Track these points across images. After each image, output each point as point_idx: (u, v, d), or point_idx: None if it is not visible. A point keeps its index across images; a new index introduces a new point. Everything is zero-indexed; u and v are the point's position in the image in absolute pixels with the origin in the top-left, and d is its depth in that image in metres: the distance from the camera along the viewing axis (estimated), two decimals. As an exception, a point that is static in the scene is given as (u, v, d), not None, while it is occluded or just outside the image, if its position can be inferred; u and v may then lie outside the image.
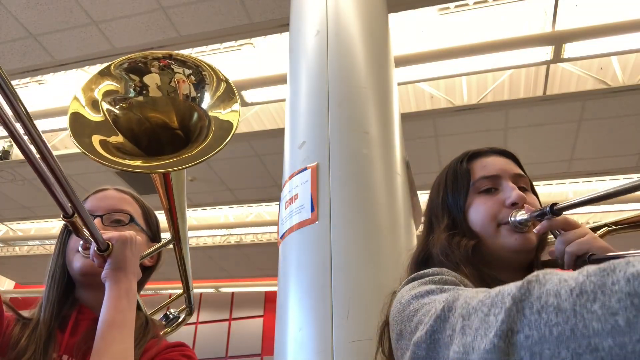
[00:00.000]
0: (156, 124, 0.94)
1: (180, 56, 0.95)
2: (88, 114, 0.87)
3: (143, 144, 0.91)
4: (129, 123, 0.91)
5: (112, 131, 0.88)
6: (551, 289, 0.49)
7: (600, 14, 3.54)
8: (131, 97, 0.93)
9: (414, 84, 4.15)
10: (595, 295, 0.45)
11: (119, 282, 0.83)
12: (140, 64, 0.93)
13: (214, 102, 0.93)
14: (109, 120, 0.89)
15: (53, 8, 3.45)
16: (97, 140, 0.85)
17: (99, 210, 0.97)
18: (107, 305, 0.81)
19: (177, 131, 0.94)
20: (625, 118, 4.20)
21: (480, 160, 0.94)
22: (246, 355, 8.66)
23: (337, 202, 1.67)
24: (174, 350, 0.91)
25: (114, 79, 0.92)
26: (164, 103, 0.94)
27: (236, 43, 4.03)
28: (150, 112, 0.94)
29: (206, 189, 5.70)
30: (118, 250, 0.85)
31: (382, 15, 2.40)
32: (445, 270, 0.78)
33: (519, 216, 0.85)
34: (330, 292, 1.52)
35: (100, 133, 0.86)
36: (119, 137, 0.88)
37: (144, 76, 0.93)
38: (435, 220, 0.94)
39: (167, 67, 0.94)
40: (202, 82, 0.95)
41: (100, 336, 0.78)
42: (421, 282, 0.75)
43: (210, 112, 0.93)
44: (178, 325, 1.57)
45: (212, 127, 0.90)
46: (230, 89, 0.94)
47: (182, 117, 0.94)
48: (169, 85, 0.94)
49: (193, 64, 0.95)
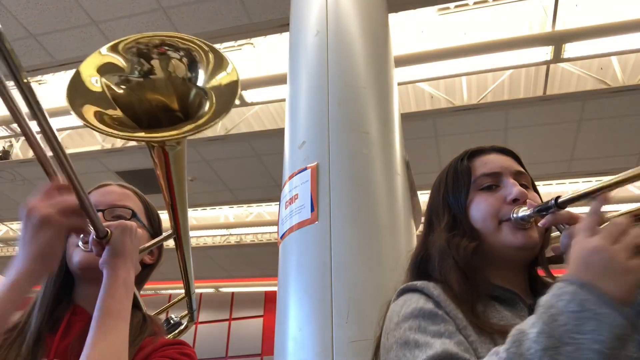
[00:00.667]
0: (157, 106, 0.94)
1: (170, 39, 0.95)
2: (91, 83, 0.88)
3: (143, 124, 0.91)
4: (130, 102, 0.91)
5: (111, 105, 0.88)
6: None
7: (600, 14, 3.54)
8: (134, 78, 0.93)
9: (414, 84, 4.15)
10: None
11: (117, 269, 0.81)
12: (143, 48, 0.94)
13: (209, 76, 0.94)
14: (108, 95, 0.89)
15: (53, 8, 3.45)
16: (93, 110, 0.84)
17: (101, 205, 0.96)
18: (104, 294, 0.79)
19: (177, 113, 0.94)
20: (625, 118, 4.20)
21: (481, 158, 0.94)
22: (246, 355, 8.65)
23: (337, 202, 1.67)
24: (172, 348, 0.89)
25: (121, 57, 0.93)
26: (164, 86, 0.94)
27: (236, 43, 4.03)
28: (151, 94, 0.94)
29: (206, 189, 5.70)
30: (117, 237, 0.83)
31: (382, 15, 2.40)
32: (432, 285, 0.80)
33: (521, 212, 0.84)
34: (330, 292, 1.52)
35: (98, 105, 0.86)
36: (118, 112, 0.88)
37: (148, 60, 0.94)
38: (435, 219, 0.94)
39: (164, 53, 0.94)
40: (194, 61, 0.95)
41: (96, 324, 0.76)
42: (405, 316, 0.78)
43: (208, 86, 0.93)
44: (180, 333, 1.56)
45: (212, 100, 0.90)
46: (219, 56, 0.95)
47: (182, 99, 0.95)
48: (167, 70, 0.94)
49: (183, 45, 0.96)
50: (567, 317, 0.57)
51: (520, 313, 0.80)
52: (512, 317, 0.79)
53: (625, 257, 0.60)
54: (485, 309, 0.79)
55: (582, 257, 0.63)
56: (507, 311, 0.80)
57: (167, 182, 0.96)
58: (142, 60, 0.93)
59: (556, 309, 0.59)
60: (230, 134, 4.67)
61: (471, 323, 0.74)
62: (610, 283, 0.59)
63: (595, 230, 0.65)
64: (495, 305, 0.81)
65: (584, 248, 0.63)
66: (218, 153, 4.99)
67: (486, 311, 0.79)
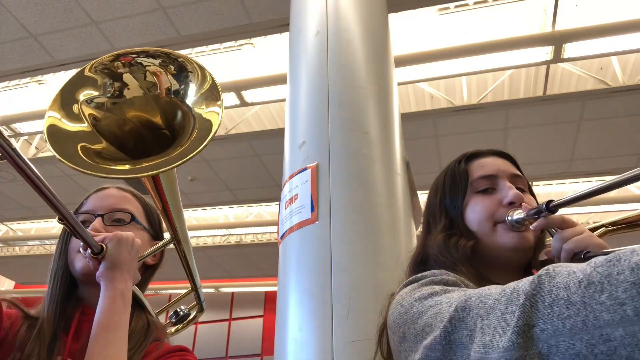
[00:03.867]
0: (139, 124, 0.92)
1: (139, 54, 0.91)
2: (65, 124, 0.84)
3: (129, 146, 0.89)
4: (110, 126, 0.88)
5: (93, 137, 0.85)
6: (561, 282, 0.50)
7: (600, 14, 3.54)
8: (110, 99, 0.90)
9: (414, 84, 4.15)
10: (603, 286, 0.46)
11: (114, 281, 0.82)
12: (111, 67, 0.90)
13: (197, 97, 0.90)
14: (90, 127, 0.86)
15: (53, 8, 3.45)
16: (79, 147, 0.82)
17: (99, 210, 0.96)
18: (102, 307, 0.80)
19: (162, 130, 0.92)
20: (625, 118, 4.20)
21: (478, 161, 0.95)
22: (246, 355, 8.65)
23: (337, 202, 1.67)
24: (175, 355, 0.89)
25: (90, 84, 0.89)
26: (144, 101, 0.92)
27: (236, 43, 4.03)
28: (131, 112, 0.91)
29: (206, 189, 5.70)
30: (113, 250, 0.84)
31: (382, 15, 2.40)
32: (444, 272, 0.78)
33: (515, 215, 0.85)
34: (330, 292, 1.52)
35: (81, 141, 0.83)
36: (102, 144, 0.86)
37: (119, 77, 0.90)
38: (432, 221, 0.94)
39: (135, 64, 0.90)
40: (181, 74, 0.92)
41: (95, 339, 0.76)
42: (421, 283, 0.75)
43: (194, 108, 0.89)
44: (189, 323, 1.56)
45: (196, 124, 0.87)
46: (214, 86, 0.91)
47: (164, 113, 0.92)
48: (146, 81, 0.91)
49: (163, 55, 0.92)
50: None
51: None
52: None
53: None
54: None
55: None
56: None
57: (160, 198, 0.95)
58: (112, 79, 0.90)
59: None
60: (230, 134, 4.67)
61: None
62: None
63: None
64: None
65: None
66: (218, 153, 4.99)
67: None
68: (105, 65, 0.90)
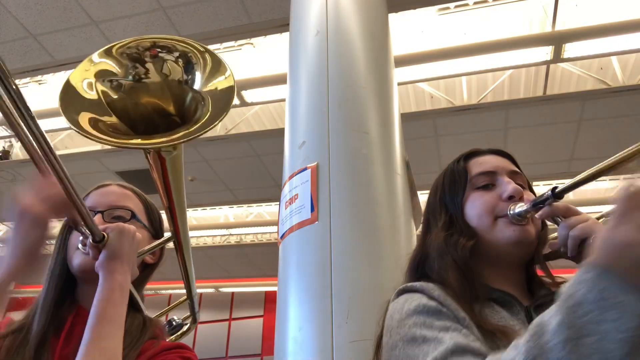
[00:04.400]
0: (153, 110, 0.93)
1: (165, 41, 0.94)
2: (84, 91, 0.86)
3: (140, 129, 0.90)
4: (125, 107, 0.90)
5: (105, 111, 0.87)
6: None
7: (600, 14, 3.54)
8: (128, 82, 0.91)
9: (414, 84, 4.15)
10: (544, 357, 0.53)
11: (114, 272, 0.80)
12: (136, 52, 0.92)
13: (205, 79, 0.92)
14: (103, 101, 0.87)
15: (53, 8, 3.45)
16: (87, 117, 0.83)
17: (100, 207, 0.95)
18: (100, 298, 0.78)
19: (174, 117, 0.93)
20: (625, 118, 4.20)
21: (477, 159, 0.95)
22: (246, 355, 8.65)
23: (337, 202, 1.67)
24: (172, 352, 0.87)
25: (115, 62, 0.91)
26: (160, 89, 0.93)
27: (236, 43, 4.03)
28: (146, 98, 0.92)
29: (206, 189, 5.70)
30: (114, 240, 0.83)
31: (382, 15, 2.40)
32: (432, 287, 0.79)
33: (518, 208, 0.84)
34: (330, 292, 1.52)
35: (92, 112, 0.85)
36: (113, 118, 0.87)
37: (142, 63, 0.92)
38: (432, 219, 0.94)
39: (157, 56, 0.93)
40: (190, 63, 0.94)
41: (90, 330, 0.75)
42: (412, 310, 0.77)
43: (205, 89, 0.91)
44: (183, 334, 1.55)
45: (208, 104, 0.89)
46: (216, 59, 0.93)
47: (177, 102, 0.93)
48: (162, 73, 0.93)
49: (177, 48, 0.94)
50: (587, 307, 0.52)
51: (517, 316, 0.80)
52: (510, 318, 0.79)
53: None
54: (483, 309, 0.79)
55: (610, 246, 0.54)
56: (505, 312, 0.80)
57: (165, 186, 0.95)
58: (135, 63, 0.92)
59: (575, 299, 0.53)
60: (230, 134, 4.67)
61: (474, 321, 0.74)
62: (636, 273, 0.51)
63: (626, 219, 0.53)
64: (494, 305, 0.81)
65: (612, 238, 0.54)
66: (218, 153, 4.99)
67: (485, 311, 0.79)
68: (131, 48, 0.92)
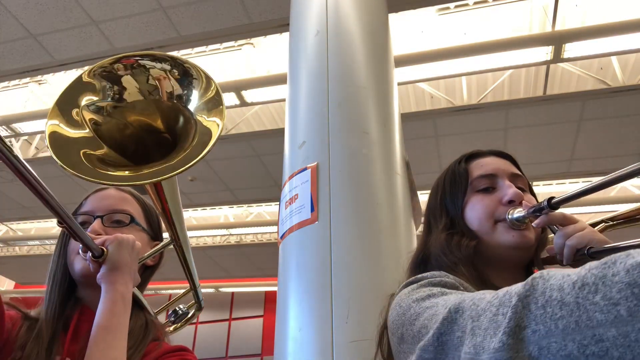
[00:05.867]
0: (140, 128, 0.91)
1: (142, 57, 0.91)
2: (67, 130, 0.83)
3: (130, 150, 0.89)
4: (111, 131, 0.88)
5: (95, 143, 0.85)
6: (555, 283, 0.49)
7: (600, 14, 3.54)
8: (110, 104, 0.89)
9: (414, 84, 4.15)
10: (597, 287, 0.45)
11: (115, 284, 0.82)
12: (111, 70, 0.90)
13: (199, 103, 0.90)
14: (91, 132, 0.86)
15: (53, 8, 3.45)
16: (82, 154, 0.82)
17: (98, 211, 0.95)
18: (102, 310, 0.79)
19: (163, 134, 0.92)
20: (625, 118, 4.20)
21: (478, 161, 0.95)
22: (246, 355, 8.66)
23: (337, 202, 1.67)
24: (174, 355, 0.88)
25: (90, 89, 0.89)
26: (146, 104, 0.91)
27: (236, 43, 4.03)
28: (132, 116, 0.91)
29: (206, 189, 5.70)
30: (114, 252, 0.84)
31: (382, 15, 2.40)
32: (444, 273, 0.78)
33: (516, 213, 0.85)
34: (330, 292, 1.52)
35: (83, 147, 0.83)
36: (104, 149, 0.85)
37: (120, 80, 0.90)
38: (433, 221, 0.94)
39: (138, 66, 0.90)
40: (185, 79, 0.91)
41: (94, 341, 0.76)
42: (420, 284, 0.75)
43: (196, 114, 0.89)
44: (187, 321, 1.57)
45: (197, 129, 0.87)
46: (217, 94, 0.90)
47: (166, 117, 0.92)
48: (148, 85, 0.91)
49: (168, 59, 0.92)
50: None
51: None
52: None
53: None
54: None
55: None
56: None
57: (160, 201, 0.95)
58: (112, 83, 0.89)
59: None
60: (230, 134, 4.67)
61: None
62: None
63: None
64: None
65: None
66: (218, 153, 4.99)
67: None
68: (105, 69, 0.90)
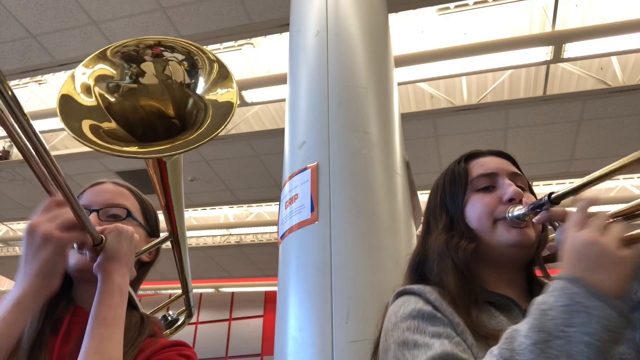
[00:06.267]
0: (151, 112, 0.91)
1: (170, 41, 0.92)
2: (80, 97, 0.84)
3: (138, 133, 0.88)
4: (123, 110, 0.88)
5: (104, 117, 0.85)
6: None
7: (600, 14, 3.54)
8: (126, 84, 0.90)
9: (414, 84, 4.15)
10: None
11: (112, 274, 0.79)
12: (134, 52, 0.90)
13: (209, 86, 0.91)
14: (101, 106, 0.86)
15: (53, 8, 3.45)
16: (88, 125, 0.81)
17: (95, 205, 0.94)
18: (99, 301, 0.77)
19: (173, 120, 0.91)
20: (625, 118, 4.20)
21: (477, 160, 0.95)
22: (246, 355, 8.66)
23: (337, 202, 1.67)
24: (171, 350, 0.86)
25: (110, 64, 0.89)
26: (160, 91, 0.91)
27: (236, 43, 4.03)
28: (145, 100, 0.91)
29: (206, 189, 5.70)
30: (112, 242, 0.81)
31: (382, 15, 2.40)
32: (429, 290, 0.80)
33: (516, 211, 0.85)
34: (330, 292, 1.52)
35: (91, 118, 0.83)
36: (112, 124, 0.85)
37: (139, 63, 0.91)
38: (433, 221, 0.94)
39: (160, 55, 0.91)
40: (195, 67, 0.92)
41: (90, 333, 0.74)
42: (408, 314, 0.77)
43: (207, 96, 0.90)
44: (177, 329, 1.55)
45: (209, 111, 0.87)
46: (224, 70, 0.92)
47: (177, 105, 0.92)
48: (163, 74, 0.91)
49: (183, 49, 0.93)
50: (557, 311, 0.59)
51: (516, 319, 0.80)
52: (508, 322, 0.78)
53: (615, 247, 0.63)
54: (481, 314, 0.79)
55: (574, 251, 0.65)
56: (503, 316, 0.80)
57: (163, 187, 0.94)
58: (132, 65, 0.90)
59: (547, 305, 0.60)
60: (230, 134, 4.67)
61: (469, 327, 0.74)
62: (603, 275, 0.60)
63: (584, 224, 0.67)
64: (492, 309, 0.81)
65: (575, 242, 0.65)
66: (218, 153, 4.99)
67: (482, 315, 0.79)
68: (129, 50, 0.90)
